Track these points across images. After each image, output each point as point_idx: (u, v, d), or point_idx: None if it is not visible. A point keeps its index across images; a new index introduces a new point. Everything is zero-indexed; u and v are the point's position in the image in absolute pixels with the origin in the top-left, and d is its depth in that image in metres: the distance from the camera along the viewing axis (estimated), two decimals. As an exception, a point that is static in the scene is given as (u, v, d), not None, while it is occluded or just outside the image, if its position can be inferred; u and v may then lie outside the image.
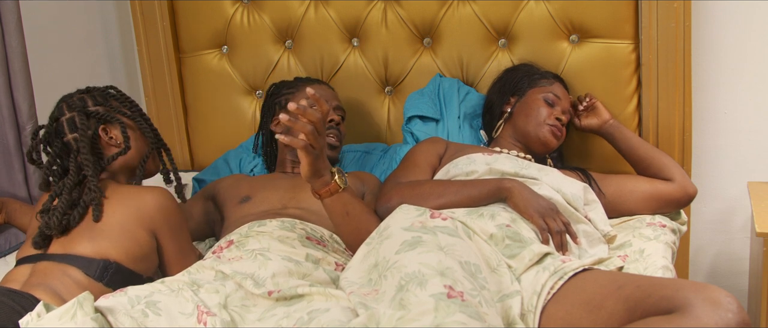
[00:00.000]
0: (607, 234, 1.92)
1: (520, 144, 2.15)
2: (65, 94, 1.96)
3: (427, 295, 1.37)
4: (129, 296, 1.56)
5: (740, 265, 2.55)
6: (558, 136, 2.13)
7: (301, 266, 1.71)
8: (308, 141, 1.65)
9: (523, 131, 2.14)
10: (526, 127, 2.13)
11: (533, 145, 2.13)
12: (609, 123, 2.21)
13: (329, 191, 1.76)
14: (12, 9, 2.16)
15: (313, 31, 2.51)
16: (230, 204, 2.09)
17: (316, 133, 1.66)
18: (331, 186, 1.75)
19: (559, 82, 2.24)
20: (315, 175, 1.72)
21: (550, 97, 2.16)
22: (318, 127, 1.66)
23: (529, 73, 2.23)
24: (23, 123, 2.23)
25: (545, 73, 2.24)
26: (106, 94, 1.95)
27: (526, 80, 2.21)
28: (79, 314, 1.48)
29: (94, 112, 1.89)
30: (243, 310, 1.59)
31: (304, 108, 1.63)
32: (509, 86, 2.24)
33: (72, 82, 2.63)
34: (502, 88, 2.25)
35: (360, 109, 2.51)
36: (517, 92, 2.21)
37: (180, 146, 2.71)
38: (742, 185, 2.43)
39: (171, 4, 2.61)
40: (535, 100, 2.16)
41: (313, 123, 1.65)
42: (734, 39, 2.37)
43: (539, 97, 2.16)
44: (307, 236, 1.85)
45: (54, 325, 1.47)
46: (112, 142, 1.90)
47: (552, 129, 2.12)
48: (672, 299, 1.34)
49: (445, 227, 1.60)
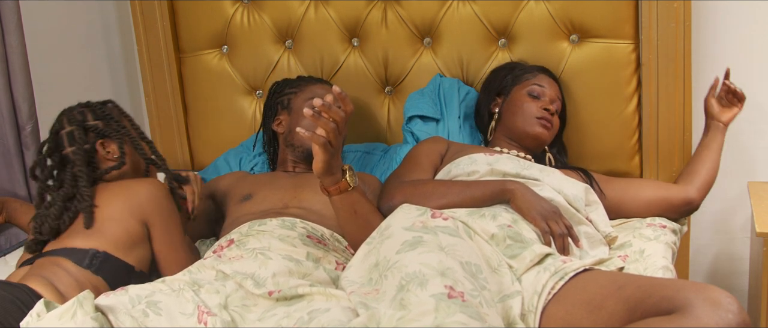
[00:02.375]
0: (609, 235, 1.92)
1: (515, 143, 2.15)
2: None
3: (428, 295, 1.37)
4: (130, 296, 1.56)
5: (740, 265, 2.55)
6: (548, 128, 2.12)
7: (301, 266, 1.71)
8: (328, 138, 1.65)
9: (513, 129, 2.13)
10: (515, 124, 2.13)
11: (526, 142, 2.13)
12: (719, 124, 2.19)
13: (339, 189, 1.76)
14: (12, 9, 2.16)
15: (313, 31, 2.51)
16: (231, 202, 2.09)
17: (336, 132, 1.66)
18: (341, 184, 1.75)
19: (545, 73, 2.23)
20: (327, 172, 1.72)
21: (535, 89, 2.15)
22: (340, 126, 1.66)
23: (512, 71, 2.23)
24: (23, 123, 2.23)
25: (529, 68, 2.24)
26: (105, 109, 1.98)
27: (510, 78, 2.21)
28: (79, 314, 1.48)
29: (93, 126, 1.93)
30: (243, 310, 1.59)
31: (330, 106, 1.63)
32: (494, 87, 2.24)
33: (72, 83, 2.64)
34: (488, 89, 2.26)
35: (360, 109, 2.51)
36: (503, 92, 2.21)
37: (180, 146, 2.71)
38: (742, 185, 2.43)
39: (171, 4, 2.61)
40: (520, 97, 2.15)
41: (335, 122, 1.65)
42: (734, 39, 2.37)
43: (524, 93, 2.15)
44: (308, 235, 1.85)
45: (54, 325, 1.47)
46: (108, 156, 1.94)
47: (541, 122, 2.11)
48: (672, 300, 1.34)
49: (446, 227, 1.60)
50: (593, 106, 2.32)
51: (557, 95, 2.19)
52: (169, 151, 2.72)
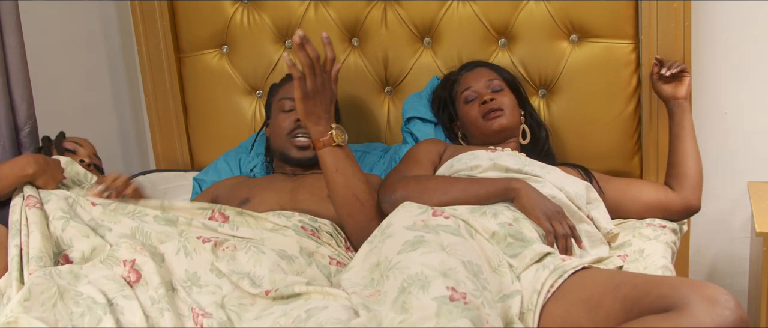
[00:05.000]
0: (610, 232, 1.92)
1: (493, 143, 2.14)
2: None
3: (430, 298, 1.37)
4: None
5: (740, 265, 2.55)
6: (499, 114, 2.10)
7: (294, 263, 1.71)
8: (303, 72, 1.74)
9: (480, 137, 2.15)
10: (476, 133, 2.15)
11: (498, 137, 2.12)
12: (679, 101, 2.13)
13: (323, 143, 1.83)
14: (11, 9, 2.16)
15: (313, 31, 2.50)
16: (230, 205, 2.09)
17: (311, 70, 1.74)
18: (326, 138, 1.83)
19: (465, 69, 2.25)
20: (309, 117, 1.81)
21: (467, 95, 2.17)
22: (315, 67, 1.75)
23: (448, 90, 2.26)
24: (21, 124, 2.23)
25: (453, 75, 2.27)
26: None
27: (450, 101, 2.24)
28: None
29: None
30: (240, 309, 1.60)
31: (308, 39, 1.72)
32: (445, 116, 2.28)
33: (71, 83, 2.65)
34: (442, 123, 2.30)
35: (360, 109, 2.51)
36: (454, 116, 2.25)
37: (180, 146, 2.71)
38: (742, 185, 2.43)
39: (171, 4, 2.61)
40: (464, 111, 2.18)
41: (311, 59, 1.73)
42: (734, 39, 2.36)
43: (463, 104, 2.18)
44: (303, 227, 1.87)
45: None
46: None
47: (488, 117, 2.11)
48: (669, 297, 1.34)
49: (447, 226, 1.60)
50: (593, 106, 2.32)
51: (487, 79, 2.18)
52: (169, 151, 2.72)
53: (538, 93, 2.38)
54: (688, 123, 2.12)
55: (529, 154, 2.11)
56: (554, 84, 2.35)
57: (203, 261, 1.71)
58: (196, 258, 1.71)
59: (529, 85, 2.37)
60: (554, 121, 2.35)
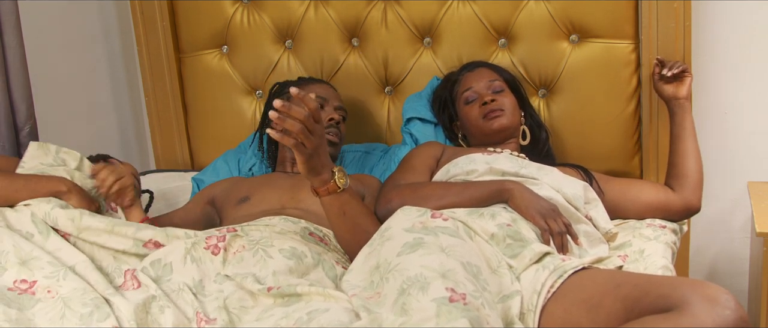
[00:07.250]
0: (609, 232, 1.92)
1: (494, 142, 2.15)
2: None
3: (429, 300, 1.37)
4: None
5: (740, 265, 2.55)
6: (499, 114, 2.10)
7: (301, 263, 1.70)
8: (298, 139, 1.61)
9: (480, 137, 2.15)
10: (476, 134, 2.15)
11: (497, 138, 2.13)
12: (680, 101, 2.13)
13: (327, 191, 1.73)
14: (11, 9, 2.16)
15: (313, 31, 2.51)
16: (229, 205, 2.09)
17: (306, 132, 1.61)
18: (329, 186, 1.72)
19: (466, 69, 2.25)
20: (312, 172, 1.70)
21: (467, 95, 2.17)
22: (308, 125, 1.61)
23: (445, 90, 2.26)
24: (21, 124, 2.23)
25: (454, 76, 2.26)
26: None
27: (450, 101, 2.24)
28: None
29: None
30: (241, 311, 1.59)
31: (290, 106, 1.58)
32: (446, 117, 2.28)
33: (71, 83, 2.64)
34: (442, 121, 2.30)
35: (360, 109, 2.51)
36: (454, 116, 2.24)
37: (180, 146, 2.71)
38: (742, 185, 2.43)
39: (171, 4, 2.61)
40: (464, 111, 2.18)
41: (301, 121, 1.60)
42: (734, 39, 2.36)
43: (463, 105, 2.18)
44: (310, 233, 1.86)
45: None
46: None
47: (489, 117, 2.11)
48: (669, 297, 1.34)
49: (446, 228, 1.60)
50: (593, 106, 2.32)
51: (488, 79, 2.18)
52: (169, 151, 2.72)
53: (538, 93, 2.38)
54: (689, 123, 2.12)
55: (529, 155, 2.12)
56: (554, 84, 2.35)
57: (209, 271, 1.70)
58: (202, 266, 1.70)
59: (529, 85, 2.37)
60: (554, 122, 2.35)
